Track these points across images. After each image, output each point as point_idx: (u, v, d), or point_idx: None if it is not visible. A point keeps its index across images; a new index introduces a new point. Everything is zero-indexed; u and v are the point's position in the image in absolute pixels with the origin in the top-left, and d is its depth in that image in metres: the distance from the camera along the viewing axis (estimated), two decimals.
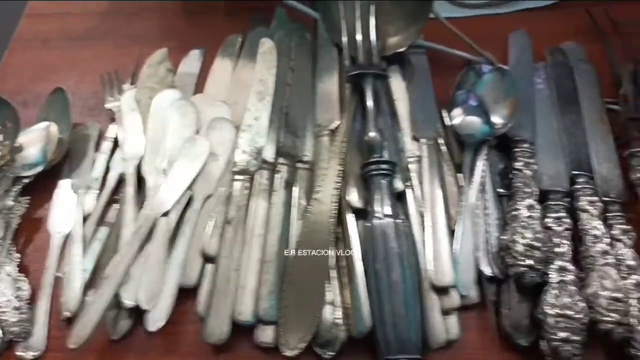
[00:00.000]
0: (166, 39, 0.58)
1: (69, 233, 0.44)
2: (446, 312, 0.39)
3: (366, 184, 0.43)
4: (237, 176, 0.45)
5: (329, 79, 0.51)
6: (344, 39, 0.50)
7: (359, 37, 0.49)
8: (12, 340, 0.40)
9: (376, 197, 0.41)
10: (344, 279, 0.40)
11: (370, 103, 0.45)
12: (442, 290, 0.39)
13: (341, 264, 0.41)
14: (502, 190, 0.44)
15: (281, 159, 0.45)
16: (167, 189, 0.43)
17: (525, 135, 0.45)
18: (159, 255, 0.41)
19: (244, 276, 0.40)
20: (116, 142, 0.49)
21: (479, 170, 0.44)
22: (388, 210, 0.40)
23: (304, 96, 0.50)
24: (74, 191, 0.46)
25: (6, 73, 0.57)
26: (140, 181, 0.46)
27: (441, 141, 0.46)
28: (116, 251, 0.41)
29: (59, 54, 0.58)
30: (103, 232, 0.44)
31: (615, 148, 0.46)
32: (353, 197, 0.42)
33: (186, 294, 0.41)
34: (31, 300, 0.42)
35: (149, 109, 0.49)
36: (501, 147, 0.46)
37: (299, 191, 0.44)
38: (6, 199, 0.45)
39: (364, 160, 0.43)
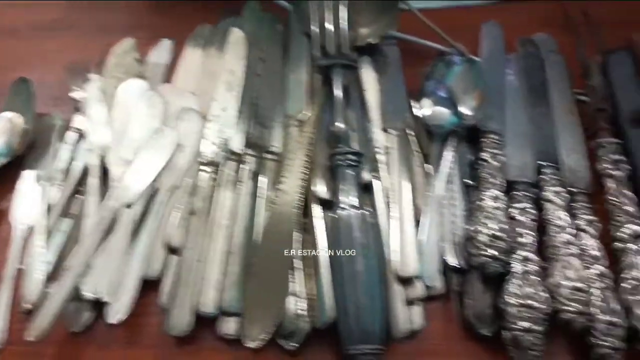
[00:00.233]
0: (136, 30, 0.57)
1: (32, 225, 0.43)
2: (411, 303, 0.39)
3: (333, 175, 0.42)
4: (204, 167, 0.44)
5: (300, 70, 0.50)
6: (314, 29, 0.49)
7: (330, 27, 0.49)
8: None
9: (342, 188, 0.41)
10: (309, 270, 0.40)
11: (338, 93, 0.45)
12: (407, 280, 0.39)
13: (306, 254, 0.40)
14: (470, 181, 0.44)
15: (249, 150, 0.45)
16: (132, 180, 0.43)
17: (493, 126, 0.45)
18: (121, 246, 0.40)
19: (208, 267, 0.40)
20: (81, 133, 0.48)
21: (447, 161, 0.44)
22: (354, 201, 0.40)
23: (274, 87, 0.49)
24: (38, 182, 0.45)
25: None
26: (105, 172, 0.45)
27: (411, 132, 0.46)
28: (79, 243, 0.41)
29: (25, 44, 0.57)
30: (66, 224, 0.43)
31: (583, 139, 0.46)
32: (319, 188, 0.42)
33: (150, 286, 0.40)
34: None
35: (115, 99, 0.48)
36: (471, 139, 0.46)
37: (267, 182, 0.43)
38: None
39: (332, 151, 0.43)
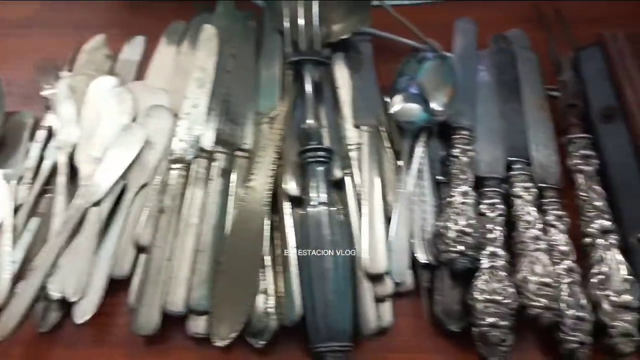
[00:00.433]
0: (110, 27, 0.56)
1: (0, 224, 0.43)
2: (380, 300, 0.39)
3: (304, 172, 0.42)
4: (174, 165, 0.44)
5: (272, 67, 0.50)
6: (286, 25, 0.49)
7: (301, 23, 0.49)
8: None
9: (312, 185, 0.41)
10: (279, 268, 0.39)
11: (309, 90, 0.45)
12: (376, 277, 0.39)
13: (276, 252, 0.40)
14: (442, 177, 0.44)
15: (219, 147, 0.45)
16: (100, 178, 0.42)
17: (464, 122, 0.45)
18: (89, 245, 0.40)
19: (177, 266, 0.39)
20: (51, 131, 0.47)
21: (417, 157, 0.44)
22: (324, 197, 0.40)
23: (246, 84, 0.49)
24: (7, 181, 0.45)
25: None
26: (75, 171, 0.45)
27: (382, 129, 0.46)
28: (47, 242, 0.40)
29: None
30: (34, 223, 0.43)
31: (554, 135, 0.46)
32: (289, 185, 0.42)
33: (119, 285, 0.40)
34: None
35: (85, 97, 0.47)
36: (443, 135, 0.46)
37: (237, 180, 0.43)
38: None
39: (301, 147, 0.42)
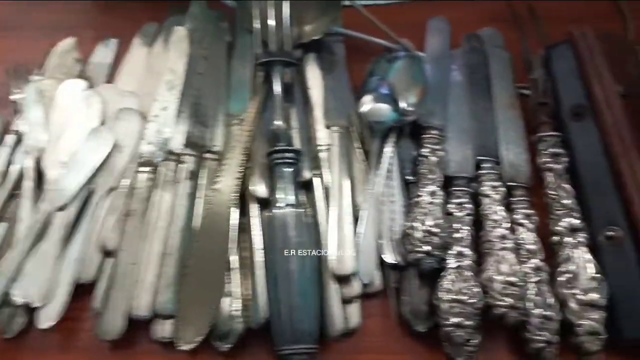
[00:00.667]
0: (83, 30, 0.56)
1: None
2: (348, 301, 0.39)
3: (272, 174, 0.42)
4: (142, 168, 0.43)
5: (244, 68, 0.50)
6: (256, 25, 0.49)
7: (272, 23, 0.49)
8: None
9: (279, 186, 0.40)
10: (246, 270, 0.39)
11: (277, 91, 0.44)
12: (344, 278, 0.39)
13: (244, 255, 0.40)
14: (412, 177, 0.44)
15: (188, 150, 0.44)
16: (65, 182, 0.42)
17: (434, 121, 0.45)
18: (54, 250, 0.39)
19: (143, 270, 0.39)
20: (20, 135, 0.47)
21: (386, 157, 0.44)
22: (291, 199, 0.40)
23: (217, 85, 0.49)
24: None
25: None
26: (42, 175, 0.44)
27: (353, 129, 0.46)
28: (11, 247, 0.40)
29: None
30: (1, 228, 0.42)
31: (524, 133, 0.46)
32: (257, 187, 0.41)
33: (86, 290, 0.40)
34: None
35: (54, 100, 0.47)
36: (415, 135, 0.46)
37: (206, 182, 0.43)
38: None
39: (269, 149, 0.42)
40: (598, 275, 0.38)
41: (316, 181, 0.43)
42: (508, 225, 0.39)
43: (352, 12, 0.53)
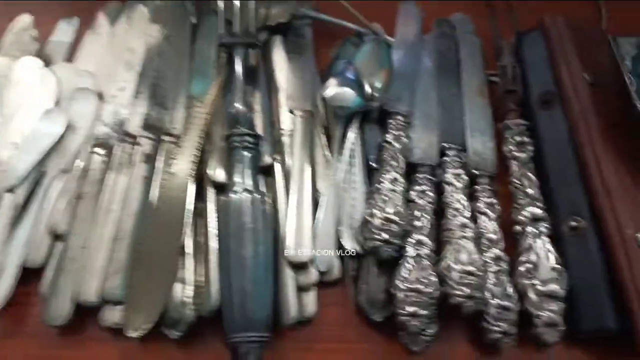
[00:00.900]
0: (43, 7, 0.54)
1: None
2: (305, 289, 0.38)
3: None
4: (96, 149, 0.42)
5: (208, 49, 0.48)
6: (220, 5, 0.47)
7: (237, 4, 0.47)
8: None
9: (237, 171, 0.39)
10: (200, 256, 0.38)
11: (238, 73, 0.43)
12: (301, 266, 0.38)
13: (199, 240, 0.39)
14: (375, 164, 0.43)
15: (146, 132, 0.43)
16: (16, 163, 0.40)
17: (400, 108, 0.44)
18: (1, 233, 0.38)
19: (92, 254, 0.38)
20: None
21: (349, 143, 0.42)
22: (249, 184, 0.39)
23: (179, 66, 0.47)
24: None
25: None
26: None
27: (317, 114, 0.45)
28: None
29: None
30: None
31: (492, 121, 0.45)
32: (215, 171, 0.40)
33: (35, 275, 0.39)
34: None
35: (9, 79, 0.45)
36: (382, 120, 0.45)
37: (163, 166, 0.42)
38: None
39: (227, 132, 0.41)
40: (558, 265, 0.37)
41: (277, 166, 0.42)
42: (469, 214, 0.39)
43: None
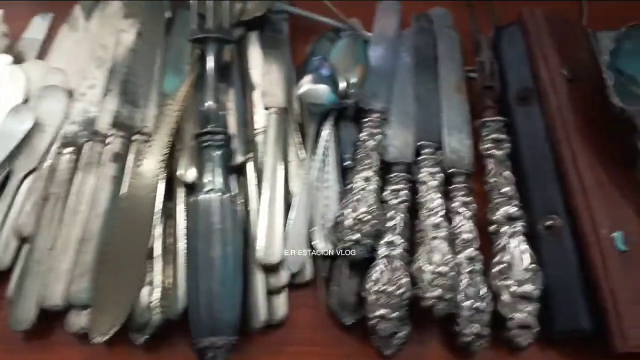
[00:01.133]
0: (15, 2, 0.53)
1: None
2: (275, 291, 0.37)
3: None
4: (64, 149, 0.41)
5: (182, 45, 0.47)
6: (193, 2, 0.46)
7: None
8: None
9: (207, 170, 0.38)
10: (169, 259, 0.37)
11: (210, 70, 0.42)
12: (272, 268, 0.37)
13: (168, 242, 0.38)
14: (350, 162, 0.42)
15: (116, 130, 0.42)
16: None
17: (376, 105, 0.43)
18: None
19: (58, 257, 0.37)
20: None
21: (323, 140, 0.42)
22: (219, 184, 0.38)
23: (151, 63, 0.46)
24: None
25: None
26: None
27: (291, 111, 0.44)
28: None
29: None
30: None
31: (469, 118, 0.44)
32: (184, 171, 0.39)
33: (1, 278, 0.38)
34: None
35: None
36: (358, 118, 0.44)
37: (132, 165, 0.41)
38: None
39: (197, 131, 0.40)
40: (533, 265, 0.36)
41: (249, 165, 0.41)
42: (443, 213, 0.38)
43: None
